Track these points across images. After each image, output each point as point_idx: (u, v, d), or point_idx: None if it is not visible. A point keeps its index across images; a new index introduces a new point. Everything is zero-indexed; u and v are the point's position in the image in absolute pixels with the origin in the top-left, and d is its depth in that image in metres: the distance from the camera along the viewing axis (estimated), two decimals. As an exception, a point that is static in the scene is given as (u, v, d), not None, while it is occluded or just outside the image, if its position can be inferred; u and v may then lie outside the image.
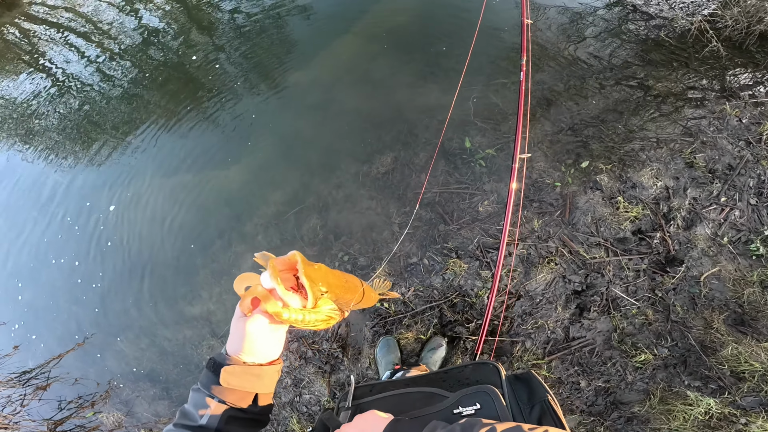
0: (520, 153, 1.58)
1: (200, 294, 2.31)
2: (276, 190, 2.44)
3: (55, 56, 3.95)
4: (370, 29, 3.15)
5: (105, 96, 3.38)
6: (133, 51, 3.62)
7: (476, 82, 2.66)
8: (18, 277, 2.64)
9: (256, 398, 0.54)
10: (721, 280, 1.85)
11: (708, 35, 2.53)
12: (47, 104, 3.53)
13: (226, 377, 0.51)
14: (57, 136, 3.28)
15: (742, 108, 2.32)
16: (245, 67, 3.19)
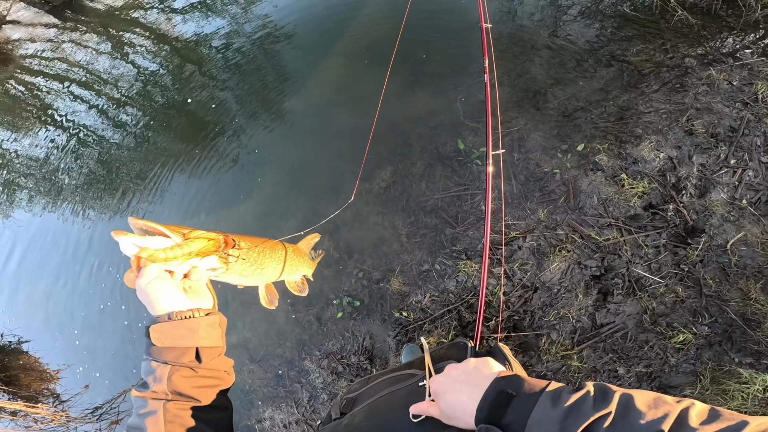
0: (494, 150, 1.48)
1: (235, 324, 2.28)
2: (289, 219, 2.40)
3: (62, 107, 3.88)
4: (351, 47, 3.07)
5: (118, 144, 3.34)
6: (135, 96, 3.57)
7: (461, 83, 2.55)
8: (73, 325, 2.73)
9: (199, 354, 0.50)
10: (749, 245, 1.64)
11: (671, 4, 2.35)
12: (66, 158, 3.49)
13: (157, 336, 0.48)
14: (81, 189, 3.26)
15: (729, 71, 2.08)
16: (241, 100, 3.13)
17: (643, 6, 2.58)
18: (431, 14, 2.98)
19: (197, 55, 3.72)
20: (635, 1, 2.58)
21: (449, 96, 2.50)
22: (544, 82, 2.40)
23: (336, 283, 2.15)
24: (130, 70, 3.88)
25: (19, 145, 3.90)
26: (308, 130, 2.76)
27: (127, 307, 2.57)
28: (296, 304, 2.18)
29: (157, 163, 3.05)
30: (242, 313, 2.30)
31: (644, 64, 2.29)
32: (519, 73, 2.49)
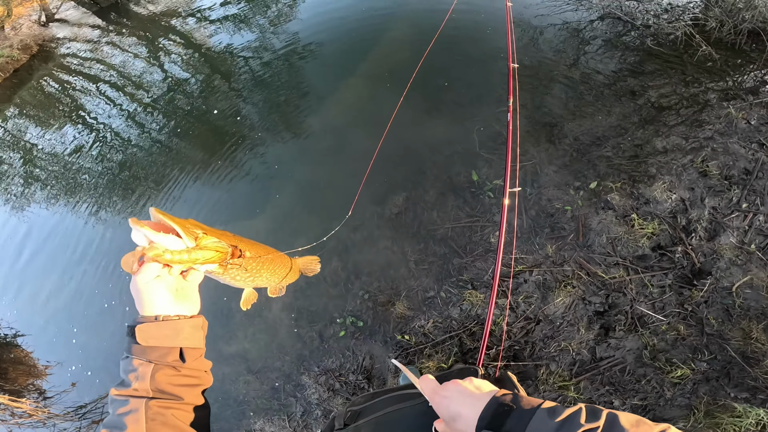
0: (511, 187, 1.94)
1: (236, 334, 2.74)
2: (300, 236, 2.94)
3: (92, 108, 4.81)
4: (373, 69, 3.75)
5: (140, 147, 4.11)
6: (163, 101, 4.40)
7: (479, 113, 3.11)
8: (73, 322, 3.26)
9: (183, 354, 0.61)
10: (755, 288, 1.96)
11: (696, 40, 2.84)
12: (88, 157, 4.29)
13: (142, 335, 0.57)
14: (98, 189, 3.98)
15: (748, 109, 2.51)
16: (262, 114, 3.84)
17: (667, 41, 3.10)
18: (455, 42, 3.65)
19: (225, 66, 4.59)
20: (660, 36, 3.12)
21: (466, 125, 3.06)
22: (561, 115, 2.91)
23: (341, 302, 2.60)
24: (161, 75, 4.82)
25: (44, 141, 4.81)
26: (325, 150, 3.37)
27: (131, 309, 3.13)
28: (299, 319, 2.64)
29: (175, 168, 3.75)
30: (245, 324, 2.78)
31: (663, 100, 2.76)
32: (537, 105, 3.03)
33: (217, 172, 3.60)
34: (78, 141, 4.61)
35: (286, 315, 2.71)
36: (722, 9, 2.82)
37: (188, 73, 4.77)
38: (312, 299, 2.70)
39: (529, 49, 3.44)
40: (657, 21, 3.21)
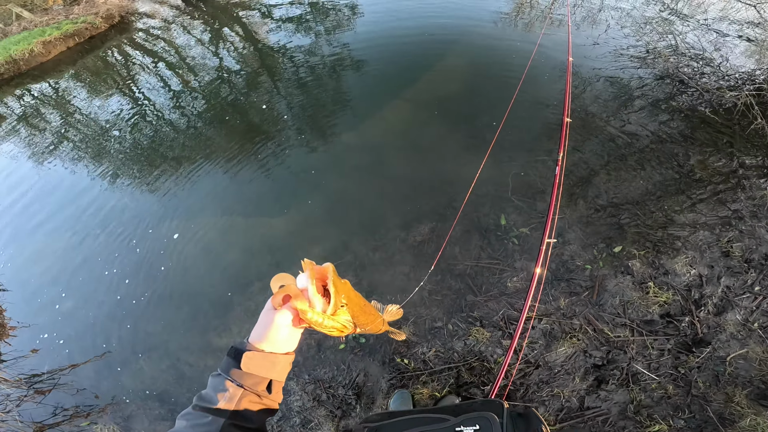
0: (549, 237, 2.52)
1: (230, 328, 3.42)
2: (317, 244, 3.72)
3: (142, 83, 6.31)
4: (420, 95, 4.72)
5: (176, 129, 5.25)
6: (208, 88, 5.71)
7: (517, 157, 3.92)
8: (64, 286, 3.99)
9: (270, 385, 0.83)
10: (748, 360, 2.58)
11: (754, 111, 3.58)
12: (123, 127, 5.54)
13: (247, 362, 0.80)
14: (126, 159, 5.07)
15: None
16: (302, 119, 4.90)
17: (722, 109, 3.88)
18: (509, 83, 4.64)
19: (274, 64, 5.92)
20: (716, 103, 3.88)
21: (503, 168, 3.89)
22: (599, 173, 3.68)
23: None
24: (214, 63, 6.30)
25: (87, 104, 6.31)
26: (358, 166, 4.22)
27: (130, 282, 3.94)
28: (302, 330, 3.38)
29: (201, 153, 4.77)
30: (242, 319, 3.51)
31: (704, 171, 3.49)
32: (576, 160, 3.84)
33: (246, 165, 4.57)
34: (118, 111, 5.98)
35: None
36: None
37: (239, 65, 6.19)
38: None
39: (578, 100, 4.30)
40: (718, 86, 3.96)
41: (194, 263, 3.91)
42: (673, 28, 4.81)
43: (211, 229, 4.13)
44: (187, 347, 3.42)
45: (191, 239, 4.10)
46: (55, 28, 8.28)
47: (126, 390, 3.33)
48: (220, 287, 3.68)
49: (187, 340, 3.45)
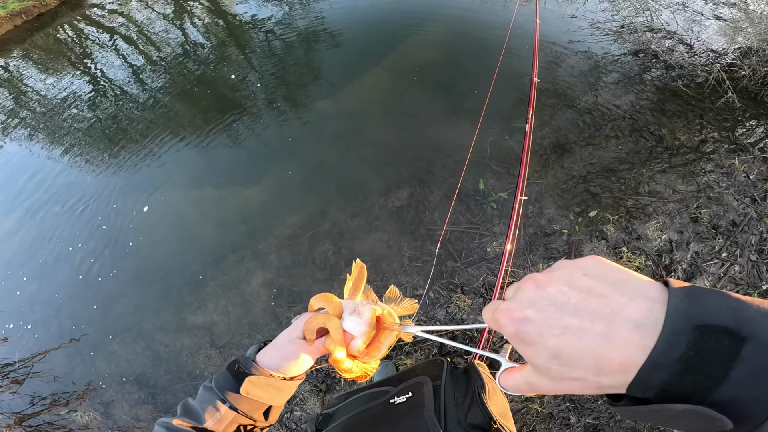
0: (520, 195, 2.53)
1: (206, 305, 3.18)
2: (293, 213, 3.43)
3: (99, 58, 5.52)
4: (398, 64, 4.37)
5: (139, 103, 4.67)
6: (173, 63, 5.05)
7: (494, 125, 3.72)
8: (25, 268, 3.61)
9: (268, 410, 0.71)
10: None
11: (725, 86, 3.55)
12: (81, 105, 4.88)
13: (249, 387, 0.67)
14: (86, 136, 4.50)
15: (751, 163, 3.22)
16: (275, 90, 4.43)
17: (694, 83, 3.84)
18: (489, 52, 4.35)
19: (245, 37, 5.24)
20: (688, 78, 3.83)
21: (480, 136, 3.69)
22: (575, 141, 3.56)
23: (326, 286, 3.12)
24: (179, 36, 5.51)
25: (41, 83, 5.52)
26: (334, 134, 3.90)
27: (96, 261, 3.52)
28: (279, 298, 3.13)
29: (169, 128, 4.25)
30: (218, 294, 3.24)
31: (675, 141, 3.44)
32: (554, 128, 3.68)
33: (215, 136, 4.11)
34: (73, 88, 5.27)
35: (265, 291, 3.20)
36: (760, 58, 3.49)
37: (206, 38, 5.48)
38: (296, 279, 3.20)
39: (555, 72, 4.11)
40: (692, 62, 3.93)
41: (164, 238, 3.56)
42: (650, 5, 4.60)
43: (182, 202, 3.74)
44: (162, 327, 3.15)
45: (160, 213, 3.71)
46: (1, 7, 7.24)
47: (101, 375, 3.09)
48: (193, 262, 3.36)
49: (161, 320, 3.18)
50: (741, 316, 0.29)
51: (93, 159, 4.32)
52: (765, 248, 2.85)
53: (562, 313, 0.35)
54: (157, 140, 4.25)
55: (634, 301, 0.34)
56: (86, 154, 4.39)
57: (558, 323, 0.35)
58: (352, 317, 0.70)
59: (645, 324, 0.32)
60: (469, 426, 0.80)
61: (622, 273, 0.37)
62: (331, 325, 0.69)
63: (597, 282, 0.36)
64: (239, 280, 3.22)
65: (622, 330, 0.32)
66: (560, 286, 0.37)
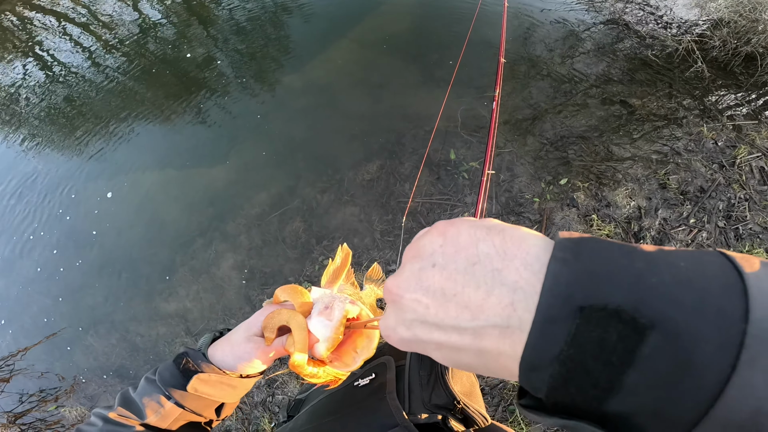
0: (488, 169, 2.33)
1: (177, 291, 2.93)
2: (261, 192, 3.12)
3: (49, 43, 4.82)
4: (367, 35, 3.97)
5: (96, 87, 4.15)
6: (130, 44, 4.46)
7: (466, 94, 3.42)
8: None
9: (221, 406, 0.61)
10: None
11: (694, 56, 3.32)
12: (33, 90, 4.31)
13: (198, 385, 0.56)
14: (37, 121, 4.02)
15: (719, 130, 3.05)
16: (240, 66, 3.99)
17: (664, 54, 3.57)
18: (461, 21, 3.91)
19: (207, 12, 4.64)
20: (659, 48, 3.57)
21: (451, 105, 3.36)
22: (546, 109, 3.29)
23: (298, 265, 2.88)
24: (134, 16, 4.83)
25: None
26: (302, 108, 3.55)
27: (59, 253, 3.18)
28: (251, 280, 2.89)
29: (132, 111, 3.82)
30: (189, 280, 2.97)
31: (645, 109, 3.22)
32: (525, 96, 3.39)
33: (178, 117, 3.70)
34: (23, 74, 4.60)
35: (236, 274, 2.94)
36: (731, 30, 3.26)
37: (165, 17, 4.79)
38: (267, 260, 2.95)
39: (526, 41, 3.78)
40: (663, 33, 3.64)
41: (126, 225, 3.22)
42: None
43: (140, 187, 3.36)
44: (134, 317, 2.91)
45: (123, 199, 3.33)
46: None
47: (81, 369, 2.87)
48: (160, 247, 3.07)
49: (133, 310, 2.94)
50: (644, 286, 0.20)
51: (50, 147, 3.87)
52: (733, 214, 2.70)
53: (431, 331, 0.27)
54: (119, 123, 3.82)
55: (491, 296, 0.24)
56: (42, 142, 3.93)
57: (433, 343, 0.27)
58: (320, 318, 0.56)
59: (510, 326, 0.23)
60: (433, 407, 0.69)
61: (475, 245, 0.26)
62: (294, 324, 0.56)
63: (448, 275, 0.26)
64: (209, 263, 2.96)
65: (489, 339, 0.24)
66: (413, 293, 0.28)
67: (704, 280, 0.19)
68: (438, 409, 0.68)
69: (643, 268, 0.21)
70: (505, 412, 2.34)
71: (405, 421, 0.59)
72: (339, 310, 0.56)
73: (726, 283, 0.19)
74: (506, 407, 2.34)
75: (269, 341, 0.57)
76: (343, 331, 0.57)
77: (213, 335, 0.64)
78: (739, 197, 2.74)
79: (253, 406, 2.58)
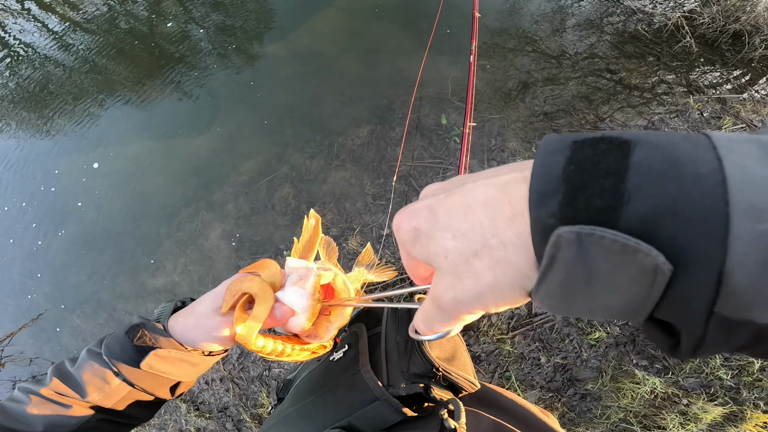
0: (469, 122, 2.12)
1: (164, 265, 2.58)
2: (248, 159, 2.79)
3: (10, 26, 4.31)
4: (354, 3, 3.64)
5: (65, 67, 3.72)
6: (99, 21, 4.00)
7: (457, 62, 3.15)
8: None
9: (175, 387, 0.51)
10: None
11: (683, 31, 3.12)
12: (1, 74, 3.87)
13: (153, 362, 0.46)
14: (7, 104, 3.58)
15: (705, 103, 2.86)
16: (220, 37, 3.62)
17: (653, 28, 3.35)
18: None
19: None
20: (648, 22, 3.35)
21: (442, 71, 3.08)
22: (537, 79, 3.06)
23: (289, 233, 2.56)
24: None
25: None
26: (288, 76, 3.23)
27: (39, 231, 2.78)
28: (240, 250, 2.57)
29: (104, 88, 3.41)
30: (176, 253, 2.63)
31: (633, 81, 3.02)
32: (517, 65, 3.14)
33: (157, 90, 3.35)
34: None
35: (225, 244, 2.61)
36: (721, 7, 3.10)
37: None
38: (256, 228, 2.63)
39: (516, 11, 3.54)
40: (653, 7, 3.43)
41: (108, 199, 2.85)
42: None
43: (120, 159, 2.98)
44: (121, 294, 2.57)
45: (98, 174, 2.94)
46: None
47: (70, 352, 2.56)
48: (144, 220, 2.70)
49: (119, 287, 2.62)
50: (622, 132, 0.20)
51: (22, 126, 3.43)
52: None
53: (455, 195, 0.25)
54: (92, 101, 3.41)
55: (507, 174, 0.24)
56: (12, 122, 3.48)
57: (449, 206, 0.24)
58: (293, 287, 0.46)
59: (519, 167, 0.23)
60: (412, 375, 0.58)
61: None
62: (260, 290, 0.45)
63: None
64: (196, 234, 2.62)
65: (504, 176, 0.24)
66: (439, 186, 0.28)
67: (677, 135, 0.19)
68: (417, 377, 0.58)
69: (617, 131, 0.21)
70: (501, 379, 2.11)
71: (384, 394, 0.51)
72: (312, 275, 0.48)
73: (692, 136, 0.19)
74: (502, 374, 2.12)
75: (226, 306, 0.45)
76: (319, 297, 0.49)
77: (174, 305, 0.52)
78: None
79: (249, 381, 2.27)
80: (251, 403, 2.23)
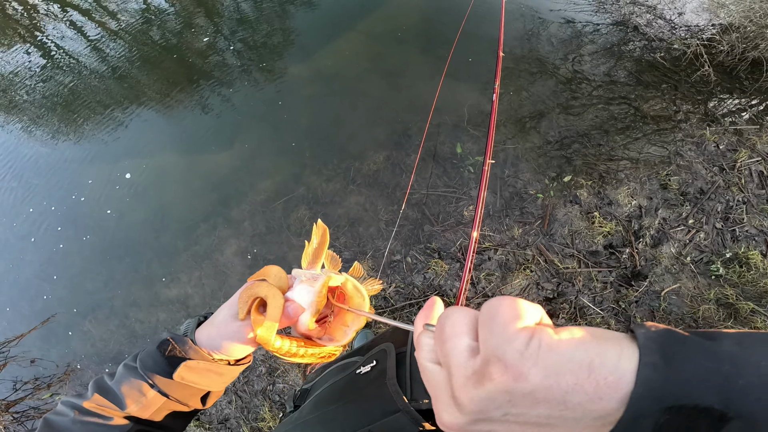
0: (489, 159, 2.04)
1: (179, 277, 2.56)
2: (266, 179, 2.74)
3: (52, 31, 4.24)
4: (376, 28, 3.55)
5: (98, 74, 3.65)
6: (134, 31, 3.92)
7: (473, 89, 3.05)
8: None
9: (207, 395, 0.53)
10: (680, 296, 2.25)
11: (702, 59, 2.99)
12: (33, 77, 3.78)
13: (185, 373, 0.48)
14: (41, 110, 3.52)
15: (722, 134, 2.76)
16: (246, 55, 3.54)
17: (672, 56, 3.21)
18: (469, 19, 3.46)
19: (213, 2, 4.08)
20: (665, 50, 3.21)
21: (459, 99, 2.98)
22: (552, 107, 2.96)
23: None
24: (139, 4, 4.22)
25: None
26: (309, 97, 3.16)
27: (65, 230, 2.75)
28: (254, 267, 2.52)
29: (133, 98, 3.38)
30: (191, 266, 2.60)
31: (650, 111, 2.91)
32: (531, 93, 3.03)
33: (182, 104, 3.30)
34: (26, 61, 4.01)
35: (239, 260, 2.57)
36: (741, 35, 2.95)
37: (169, 5, 4.19)
38: (271, 246, 2.59)
39: (534, 39, 3.41)
40: (671, 36, 3.27)
41: (129, 209, 2.81)
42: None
43: (144, 172, 2.96)
44: (134, 303, 2.55)
45: (121, 185, 2.93)
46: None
47: (78, 356, 2.52)
48: (162, 232, 2.70)
49: (133, 295, 2.61)
50: (733, 388, 0.19)
51: (51, 132, 3.36)
52: (730, 216, 2.43)
53: None
54: (122, 112, 3.33)
55: None
56: (43, 128, 3.41)
57: None
58: (302, 285, 0.49)
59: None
60: None
61: (552, 378, 0.22)
62: (270, 293, 0.46)
63: (531, 410, 0.22)
64: (212, 249, 2.58)
65: None
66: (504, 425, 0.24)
67: None
68: None
69: (729, 371, 0.19)
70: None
71: (406, 406, 0.52)
72: (322, 276, 0.49)
73: None
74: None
75: (242, 316, 0.47)
76: (325, 294, 0.49)
77: (197, 320, 0.55)
78: (738, 200, 2.47)
79: (253, 395, 2.26)
80: (252, 417, 2.22)
